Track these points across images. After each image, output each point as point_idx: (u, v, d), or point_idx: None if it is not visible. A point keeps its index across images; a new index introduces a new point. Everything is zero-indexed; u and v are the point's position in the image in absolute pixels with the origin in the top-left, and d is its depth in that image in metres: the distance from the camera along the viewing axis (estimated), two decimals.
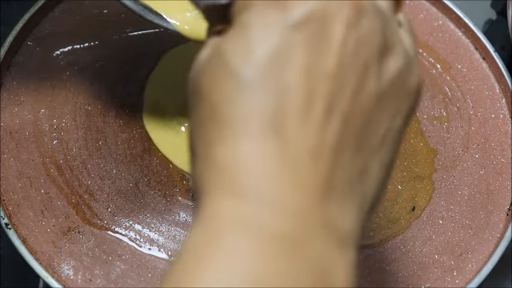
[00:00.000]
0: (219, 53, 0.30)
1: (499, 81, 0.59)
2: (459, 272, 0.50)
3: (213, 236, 0.27)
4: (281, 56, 0.28)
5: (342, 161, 0.29)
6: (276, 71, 0.28)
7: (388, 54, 0.31)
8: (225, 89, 0.29)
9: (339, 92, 0.28)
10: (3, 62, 0.55)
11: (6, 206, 0.50)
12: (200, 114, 0.30)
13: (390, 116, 0.30)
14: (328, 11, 0.29)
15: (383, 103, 0.30)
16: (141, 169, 0.53)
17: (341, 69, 0.29)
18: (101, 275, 0.48)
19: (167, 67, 0.59)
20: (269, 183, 0.27)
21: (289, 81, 0.28)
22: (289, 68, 0.28)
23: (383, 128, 0.30)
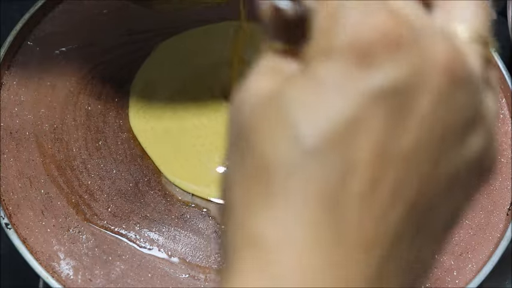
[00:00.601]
0: (282, 100, 0.25)
1: (499, 81, 0.59)
2: (459, 272, 0.50)
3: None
4: (354, 127, 0.24)
5: (397, 253, 0.25)
6: (345, 142, 0.24)
7: (473, 132, 0.26)
8: (283, 151, 0.24)
9: (410, 177, 0.25)
10: (3, 62, 0.55)
11: (6, 206, 0.50)
12: (246, 168, 0.25)
13: (458, 200, 0.27)
14: (418, 78, 0.24)
15: (454, 187, 0.26)
16: (141, 169, 0.53)
17: (417, 150, 0.25)
18: (101, 275, 0.48)
19: (156, 64, 0.59)
20: (314, 277, 0.24)
21: (358, 158, 0.24)
22: (360, 142, 0.24)
23: (448, 213, 0.27)
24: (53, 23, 0.59)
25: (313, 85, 0.24)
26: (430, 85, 0.24)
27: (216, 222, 0.51)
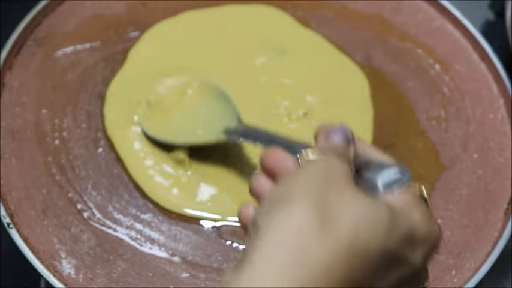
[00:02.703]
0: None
1: (497, 82, 0.59)
2: (458, 271, 0.51)
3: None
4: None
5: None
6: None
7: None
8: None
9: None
10: (4, 63, 0.56)
11: (8, 206, 0.50)
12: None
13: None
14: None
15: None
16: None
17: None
18: (102, 274, 0.49)
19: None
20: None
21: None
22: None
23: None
24: (54, 23, 0.59)
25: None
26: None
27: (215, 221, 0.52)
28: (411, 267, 0.36)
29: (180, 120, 0.55)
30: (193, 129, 0.54)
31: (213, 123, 0.53)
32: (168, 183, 0.52)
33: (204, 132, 0.53)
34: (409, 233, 0.36)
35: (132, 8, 0.61)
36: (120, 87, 0.57)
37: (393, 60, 0.61)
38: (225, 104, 0.54)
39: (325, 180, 0.36)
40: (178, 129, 0.54)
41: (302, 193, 0.35)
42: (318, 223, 0.34)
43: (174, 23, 0.61)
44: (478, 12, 0.71)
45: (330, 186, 0.36)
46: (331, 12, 0.63)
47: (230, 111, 0.53)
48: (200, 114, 0.54)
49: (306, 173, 0.37)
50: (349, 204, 0.35)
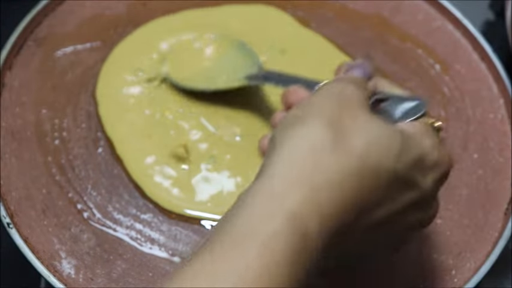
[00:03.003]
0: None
1: (498, 82, 0.59)
2: (458, 271, 0.51)
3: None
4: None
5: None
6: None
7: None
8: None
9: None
10: (5, 63, 0.56)
11: (8, 206, 0.50)
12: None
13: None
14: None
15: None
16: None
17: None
18: (102, 274, 0.49)
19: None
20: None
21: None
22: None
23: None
24: (55, 23, 0.59)
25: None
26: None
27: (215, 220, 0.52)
28: (421, 191, 0.38)
29: (204, 68, 0.57)
30: (217, 76, 0.56)
31: (235, 70, 0.55)
32: (168, 183, 0.52)
33: (228, 78, 0.55)
34: (419, 158, 0.37)
35: (132, 8, 0.61)
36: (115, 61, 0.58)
37: (393, 60, 0.61)
38: (245, 52, 0.56)
39: (339, 102, 0.37)
40: (202, 76, 0.56)
41: (317, 113, 0.37)
42: (331, 142, 0.35)
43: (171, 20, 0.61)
44: (478, 12, 0.71)
45: (343, 108, 0.37)
46: (331, 12, 0.63)
47: (251, 59, 0.55)
48: (223, 62, 0.56)
49: (320, 94, 0.39)
50: (362, 126, 0.36)
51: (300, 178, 0.34)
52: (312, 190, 0.34)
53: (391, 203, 0.37)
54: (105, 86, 0.57)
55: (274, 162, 0.35)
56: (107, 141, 0.54)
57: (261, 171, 0.36)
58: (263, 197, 0.34)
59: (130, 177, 0.53)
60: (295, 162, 0.35)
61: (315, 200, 0.34)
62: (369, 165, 0.35)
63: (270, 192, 0.34)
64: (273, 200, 0.34)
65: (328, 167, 0.35)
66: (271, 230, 0.33)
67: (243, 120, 0.55)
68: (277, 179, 0.34)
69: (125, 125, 0.55)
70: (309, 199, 0.34)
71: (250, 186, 0.35)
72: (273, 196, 0.34)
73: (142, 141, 0.54)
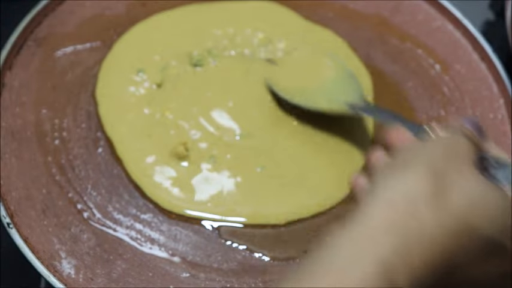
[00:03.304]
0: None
1: (497, 82, 0.59)
2: None
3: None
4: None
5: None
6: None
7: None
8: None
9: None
10: (5, 63, 0.56)
11: (8, 206, 0.50)
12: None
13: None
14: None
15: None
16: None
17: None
18: (102, 274, 0.49)
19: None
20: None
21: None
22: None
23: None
24: (54, 23, 0.59)
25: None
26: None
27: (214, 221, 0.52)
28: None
29: (309, 85, 0.56)
30: (318, 96, 0.55)
31: (338, 95, 0.55)
32: (168, 183, 0.52)
33: (329, 101, 0.54)
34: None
35: (132, 8, 0.61)
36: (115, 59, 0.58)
37: (393, 60, 0.61)
38: (351, 81, 0.55)
39: (448, 154, 0.36)
40: (306, 93, 0.56)
41: (422, 160, 0.36)
42: (432, 193, 0.34)
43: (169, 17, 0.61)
44: (478, 12, 0.71)
45: (451, 161, 0.36)
46: (331, 12, 0.63)
47: (355, 89, 0.55)
48: (329, 85, 0.56)
49: (430, 143, 0.38)
50: (467, 182, 0.35)
51: (392, 226, 0.33)
52: (404, 240, 0.33)
53: (478, 268, 0.35)
54: (105, 86, 0.57)
55: (369, 206, 0.35)
56: (106, 141, 0.54)
57: (357, 213, 0.35)
58: (352, 240, 0.34)
59: (130, 177, 0.53)
60: (390, 209, 0.34)
61: (406, 251, 0.33)
62: (466, 226, 0.34)
63: (360, 236, 0.34)
64: (361, 244, 0.33)
65: (423, 219, 0.34)
66: (359, 273, 0.32)
67: (243, 120, 0.55)
68: (369, 224, 0.34)
69: (124, 125, 0.55)
70: (399, 248, 0.33)
71: (343, 229, 0.35)
72: (362, 240, 0.33)
73: (142, 141, 0.54)
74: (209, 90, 0.56)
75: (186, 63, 0.58)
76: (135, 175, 0.53)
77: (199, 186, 0.52)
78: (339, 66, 0.57)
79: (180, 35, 0.60)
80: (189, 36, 0.60)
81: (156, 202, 0.52)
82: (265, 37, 0.60)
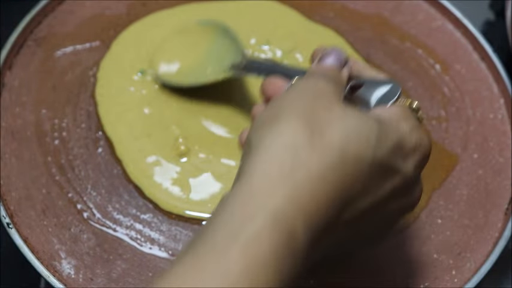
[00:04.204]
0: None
1: (498, 82, 0.59)
2: (458, 271, 0.51)
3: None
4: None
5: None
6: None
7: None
8: None
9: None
10: (4, 63, 0.56)
11: (8, 206, 0.50)
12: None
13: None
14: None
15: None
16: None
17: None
18: (102, 274, 0.49)
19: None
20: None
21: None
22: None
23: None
24: (54, 23, 0.59)
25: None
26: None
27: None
28: (403, 177, 0.38)
29: (187, 62, 0.56)
30: (202, 69, 0.55)
31: (219, 60, 0.54)
32: (168, 183, 0.52)
33: (213, 70, 0.54)
34: (398, 144, 0.37)
35: (132, 8, 0.61)
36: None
37: (393, 60, 0.61)
38: (229, 40, 0.55)
39: (313, 98, 0.37)
40: (186, 71, 0.55)
41: (291, 110, 0.36)
42: (308, 138, 0.35)
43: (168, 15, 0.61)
44: (478, 12, 0.71)
45: (317, 103, 0.37)
46: (331, 12, 0.63)
47: (234, 47, 0.54)
48: (206, 53, 0.56)
49: (293, 91, 0.39)
50: (337, 118, 0.36)
51: (280, 177, 0.34)
52: (294, 188, 0.33)
53: (374, 192, 0.37)
54: (105, 85, 0.57)
55: (253, 162, 0.35)
56: (106, 141, 0.54)
57: (240, 172, 0.36)
58: (243, 198, 0.34)
59: (130, 178, 0.53)
60: (274, 161, 0.34)
61: (298, 198, 0.33)
62: (348, 157, 0.35)
63: (250, 192, 0.34)
64: (253, 200, 0.33)
65: (307, 163, 0.34)
66: (252, 231, 0.32)
67: (243, 120, 0.55)
68: (257, 179, 0.34)
69: (124, 124, 0.55)
70: (291, 197, 0.33)
71: (231, 188, 0.35)
72: (253, 196, 0.33)
73: (142, 141, 0.54)
74: (209, 89, 0.56)
75: None
76: (134, 175, 0.53)
77: (199, 187, 0.52)
78: (215, 28, 0.57)
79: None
80: None
81: (156, 203, 0.52)
82: (265, 36, 0.60)
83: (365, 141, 0.36)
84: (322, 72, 0.40)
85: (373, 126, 0.37)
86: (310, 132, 0.35)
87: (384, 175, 0.37)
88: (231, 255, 0.32)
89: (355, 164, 0.35)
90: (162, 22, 0.60)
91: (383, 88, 0.41)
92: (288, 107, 0.37)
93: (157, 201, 0.52)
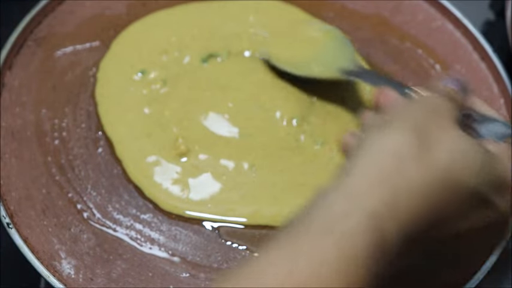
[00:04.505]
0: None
1: (498, 82, 0.59)
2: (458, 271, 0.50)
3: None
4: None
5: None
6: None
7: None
8: None
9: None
10: (4, 63, 0.56)
11: (8, 206, 0.50)
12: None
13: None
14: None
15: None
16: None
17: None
18: (102, 274, 0.49)
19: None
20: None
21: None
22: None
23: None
24: (54, 23, 0.59)
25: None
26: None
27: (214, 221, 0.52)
28: (496, 211, 0.38)
29: (302, 54, 0.57)
30: (314, 65, 0.56)
31: (330, 62, 0.56)
32: (168, 184, 0.52)
33: (323, 69, 0.56)
34: (500, 178, 0.38)
35: (132, 8, 0.61)
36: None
37: (393, 60, 0.61)
38: (342, 45, 0.57)
39: (431, 114, 0.38)
40: (299, 62, 0.57)
41: (405, 120, 0.37)
42: (417, 149, 0.36)
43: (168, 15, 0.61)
44: (478, 12, 0.71)
45: (433, 120, 0.38)
46: (331, 12, 0.63)
47: (347, 53, 0.56)
48: (320, 52, 0.57)
49: (413, 104, 0.40)
50: (449, 138, 0.37)
51: (380, 180, 0.35)
52: (392, 193, 0.34)
53: (465, 218, 0.37)
54: (105, 85, 0.57)
55: (358, 162, 0.36)
56: (106, 141, 0.54)
57: (344, 171, 0.36)
58: (343, 195, 0.34)
59: (130, 178, 0.53)
60: (378, 164, 0.35)
61: (394, 204, 0.34)
62: (450, 179, 0.36)
63: (349, 190, 0.35)
64: (352, 198, 0.34)
65: (410, 173, 0.35)
66: (348, 227, 0.33)
67: (243, 120, 0.55)
68: (358, 179, 0.35)
69: (124, 124, 0.55)
70: (388, 201, 0.34)
71: (331, 184, 0.36)
72: (352, 195, 0.34)
73: (142, 141, 0.54)
74: (209, 90, 0.56)
75: (185, 63, 0.58)
76: (134, 175, 0.53)
77: (199, 187, 0.52)
78: (329, 34, 0.58)
79: (179, 34, 0.60)
80: (188, 35, 0.60)
81: (156, 203, 0.52)
82: (265, 36, 0.60)
83: (471, 168, 0.36)
84: (445, 92, 0.41)
85: (481, 156, 0.37)
86: (419, 145, 0.36)
87: (479, 205, 0.37)
88: (325, 245, 0.33)
89: (455, 187, 0.36)
90: (162, 22, 0.60)
91: (495, 125, 0.42)
92: (403, 117, 0.38)
93: (157, 201, 0.52)
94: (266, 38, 0.60)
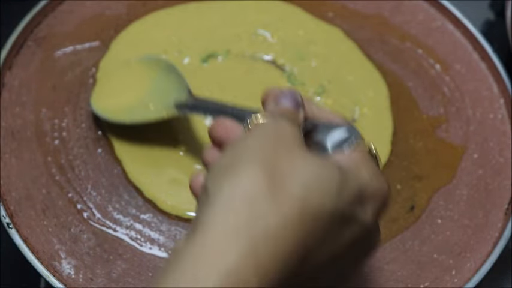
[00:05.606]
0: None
1: (498, 82, 0.59)
2: (458, 271, 0.51)
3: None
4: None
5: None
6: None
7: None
8: None
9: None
10: (4, 62, 0.56)
11: (8, 206, 0.50)
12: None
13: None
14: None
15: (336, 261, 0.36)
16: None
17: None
18: (102, 274, 0.49)
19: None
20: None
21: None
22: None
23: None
24: (54, 23, 0.59)
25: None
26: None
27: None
28: (362, 225, 0.36)
29: (129, 98, 0.54)
30: (144, 106, 0.53)
31: (163, 98, 0.52)
32: (168, 184, 0.52)
33: (156, 108, 0.52)
34: (358, 192, 0.36)
35: (132, 8, 0.61)
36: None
37: (393, 60, 0.61)
38: (174, 77, 0.53)
39: (274, 143, 0.35)
40: (128, 107, 0.54)
41: (250, 157, 0.34)
42: (268, 188, 0.33)
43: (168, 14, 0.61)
44: (478, 12, 0.71)
45: (279, 150, 0.35)
46: (331, 12, 0.63)
47: (179, 85, 0.52)
48: (150, 89, 0.54)
49: (253, 136, 0.37)
50: (298, 168, 0.34)
51: (235, 231, 0.32)
52: (249, 243, 0.32)
53: (333, 242, 0.35)
54: None
55: (208, 214, 0.33)
56: (106, 141, 0.54)
57: (194, 224, 0.34)
58: (195, 255, 0.32)
59: (130, 178, 0.53)
60: (230, 214, 0.32)
61: (253, 253, 0.32)
62: (308, 209, 0.33)
63: (202, 249, 0.32)
64: (205, 259, 0.32)
65: (265, 216, 0.32)
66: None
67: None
68: (212, 234, 0.32)
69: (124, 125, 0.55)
70: (245, 253, 0.32)
71: (187, 239, 0.33)
72: (205, 254, 0.32)
73: (142, 141, 0.54)
74: (208, 90, 0.56)
75: (185, 63, 0.58)
76: (134, 175, 0.52)
77: None
78: (158, 64, 0.55)
79: (179, 34, 0.60)
80: (188, 35, 0.60)
81: (156, 203, 0.52)
82: (266, 36, 0.60)
83: (326, 192, 0.34)
84: (280, 114, 0.38)
85: (335, 176, 0.35)
86: (270, 182, 0.33)
87: (343, 225, 0.35)
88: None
89: (315, 215, 0.34)
90: (162, 22, 0.60)
91: (339, 131, 0.39)
92: (246, 154, 0.35)
93: (157, 201, 0.52)
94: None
